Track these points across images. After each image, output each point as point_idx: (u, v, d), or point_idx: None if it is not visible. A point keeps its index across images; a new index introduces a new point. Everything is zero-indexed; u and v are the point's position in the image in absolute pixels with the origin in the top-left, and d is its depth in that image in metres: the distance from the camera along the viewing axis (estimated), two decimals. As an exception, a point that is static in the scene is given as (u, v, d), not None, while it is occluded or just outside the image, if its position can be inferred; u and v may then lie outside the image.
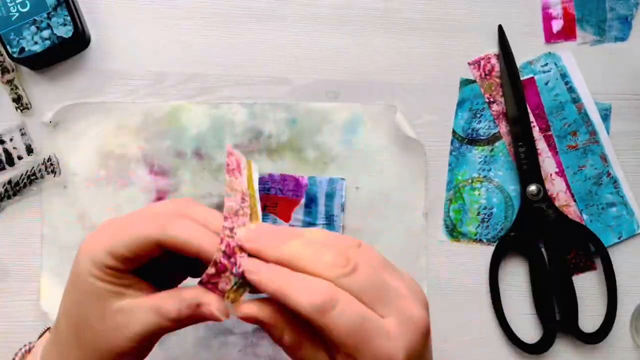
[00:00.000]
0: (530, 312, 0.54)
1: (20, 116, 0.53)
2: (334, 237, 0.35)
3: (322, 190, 0.53)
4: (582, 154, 0.55)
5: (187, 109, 0.53)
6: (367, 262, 0.33)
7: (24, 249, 0.53)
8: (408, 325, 0.32)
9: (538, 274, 0.54)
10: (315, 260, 0.33)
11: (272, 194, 0.53)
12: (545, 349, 0.53)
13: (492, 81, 0.55)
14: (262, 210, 0.52)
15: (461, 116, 0.55)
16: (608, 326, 0.53)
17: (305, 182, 0.53)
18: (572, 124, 0.55)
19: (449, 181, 0.54)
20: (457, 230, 0.54)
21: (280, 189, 0.53)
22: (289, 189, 0.53)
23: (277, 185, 0.53)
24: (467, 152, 0.55)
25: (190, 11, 0.54)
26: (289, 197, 0.53)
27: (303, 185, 0.53)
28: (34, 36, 0.50)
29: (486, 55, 0.55)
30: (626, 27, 0.55)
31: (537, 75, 0.55)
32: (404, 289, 0.34)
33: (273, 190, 0.53)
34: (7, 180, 0.52)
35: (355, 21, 0.54)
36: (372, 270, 0.33)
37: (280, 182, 0.53)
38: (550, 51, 0.55)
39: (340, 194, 0.53)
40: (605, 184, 0.55)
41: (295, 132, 0.54)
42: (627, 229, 0.55)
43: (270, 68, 0.54)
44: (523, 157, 0.54)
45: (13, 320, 0.53)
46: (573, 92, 0.55)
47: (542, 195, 0.53)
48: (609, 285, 0.53)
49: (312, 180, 0.53)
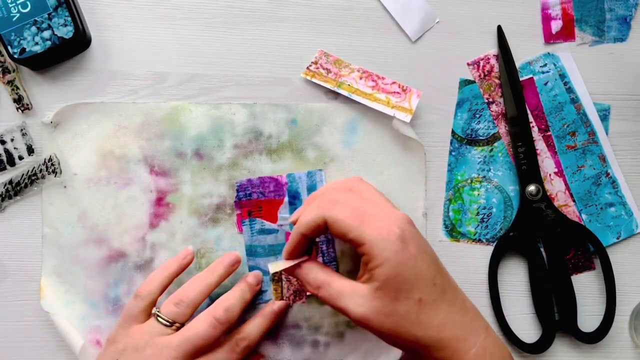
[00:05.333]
0: (529, 311, 0.54)
1: (21, 116, 0.53)
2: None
3: (302, 184, 0.53)
4: (581, 154, 0.55)
5: (187, 109, 0.53)
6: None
7: (24, 249, 0.53)
8: (395, 216, 0.43)
9: (537, 273, 0.54)
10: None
11: (255, 198, 0.53)
12: (544, 348, 0.53)
13: (491, 81, 0.55)
14: (248, 216, 0.52)
15: (460, 116, 0.55)
16: (607, 326, 0.53)
17: (284, 180, 0.53)
18: (571, 124, 0.55)
19: (448, 181, 0.55)
20: (456, 230, 0.55)
21: (261, 192, 0.53)
22: (269, 190, 0.53)
23: (258, 189, 0.53)
24: (467, 152, 0.55)
25: (190, 12, 0.54)
26: (272, 198, 0.53)
27: (283, 183, 0.53)
28: (35, 37, 0.50)
29: (485, 55, 0.55)
30: (625, 27, 0.56)
31: (536, 76, 0.55)
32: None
33: (255, 195, 0.53)
34: (8, 180, 0.52)
35: (354, 21, 0.54)
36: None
37: (260, 186, 0.53)
38: (549, 52, 0.55)
39: (321, 185, 0.53)
40: (604, 184, 0.55)
41: (295, 132, 0.54)
42: (626, 229, 0.55)
43: (270, 68, 0.54)
44: (522, 158, 0.54)
45: (13, 320, 0.53)
46: (572, 93, 0.55)
47: (541, 195, 0.54)
48: (608, 285, 0.53)
49: (291, 177, 0.53)
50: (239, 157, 0.53)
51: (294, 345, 0.53)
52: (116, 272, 0.53)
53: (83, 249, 0.53)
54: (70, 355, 0.52)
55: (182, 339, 0.45)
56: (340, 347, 0.53)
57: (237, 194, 0.53)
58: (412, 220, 0.44)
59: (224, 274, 0.50)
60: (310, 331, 0.53)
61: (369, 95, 0.53)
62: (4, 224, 0.53)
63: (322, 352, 0.53)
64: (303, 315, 0.53)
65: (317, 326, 0.53)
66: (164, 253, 0.53)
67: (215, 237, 0.53)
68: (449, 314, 0.42)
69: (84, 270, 0.52)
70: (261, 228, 0.53)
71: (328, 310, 0.53)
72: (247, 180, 0.53)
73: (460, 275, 0.54)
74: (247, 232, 0.53)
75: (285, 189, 0.53)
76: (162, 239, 0.53)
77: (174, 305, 0.47)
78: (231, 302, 0.48)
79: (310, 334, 0.53)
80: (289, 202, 0.53)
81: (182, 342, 0.45)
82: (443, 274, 0.44)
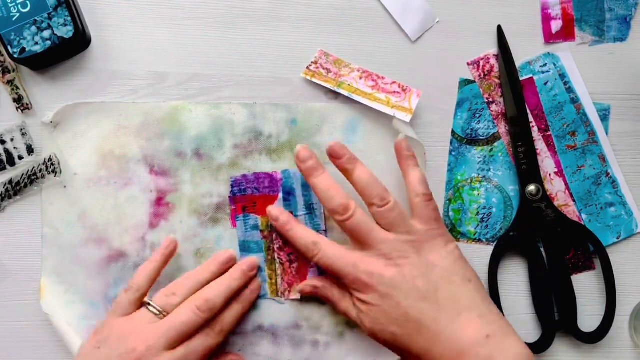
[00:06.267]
0: (529, 311, 0.54)
1: (21, 116, 0.53)
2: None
3: (297, 181, 0.53)
4: (581, 154, 0.55)
5: (187, 109, 0.53)
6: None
7: (24, 249, 0.53)
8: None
9: (537, 273, 0.54)
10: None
11: (249, 194, 0.53)
12: (544, 348, 0.53)
13: (491, 81, 0.55)
14: (242, 212, 0.52)
15: (460, 116, 0.55)
16: (607, 326, 0.53)
17: (279, 176, 0.53)
18: (571, 124, 0.55)
19: (448, 181, 0.55)
20: (456, 230, 0.55)
21: (256, 187, 0.53)
22: (264, 186, 0.53)
23: (252, 185, 0.53)
24: (467, 152, 0.55)
25: (190, 11, 0.54)
26: (266, 194, 0.53)
27: (278, 179, 0.53)
28: (35, 36, 0.50)
29: (485, 55, 0.55)
30: (625, 27, 0.56)
31: (536, 76, 0.55)
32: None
33: (249, 191, 0.53)
34: (8, 180, 0.52)
35: (354, 21, 0.54)
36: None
37: (255, 181, 0.53)
38: (549, 51, 0.55)
39: None
40: (604, 184, 0.55)
41: (295, 132, 0.54)
42: (626, 228, 0.55)
43: (270, 68, 0.54)
44: (522, 157, 0.54)
45: (13, 320, 0.53)
46: (572, 93, 0.55)
47: (541, 195, 0.54)
48: (608, 284, 0.53)
49: (286, 174, 0.53)
50: (239, 157, 0.53)
51: (294, 345, 0.53)
52: (116, 272, 0.53)
53: (83, 249, 0.53)
54: (70, 356, 0.52)
55: (167, 327, 0.46)
56: (340, 347, 0.53)
57: (232, 189, 0.53)
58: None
59: (216, 272, 0.51)
60: (310, 331, 0.53)
61: (369, 95, 0.53)
62: (4, 224, 0.53)
63: (322, 352, 0.53)
64: (303, 315, 0.53)
65: (317, 326, 0.53)
66: (164, 253, 0.53)
67: (215, 236, 0.53)
68: None
69: (84, 270, 0.52)
70: (255, 224, 0.53)
71: (328, 310, 0.53)
72: (242, 175, 0.53)
73: (460, 275, 0.54)
74: (241, 228, 0.53)
75: (280, 185, 0.53)
76: (162, 238, 0.53)
77: (165, 297, 0.48)
78: (214, 293, 0.48)
79: (310, 334, 0.53)
80: (283, 198, 0.53)
81: (167, 329, 0.46)
82: None
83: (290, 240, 0.51)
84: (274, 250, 0.53)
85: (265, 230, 0.53)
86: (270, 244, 0.53)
